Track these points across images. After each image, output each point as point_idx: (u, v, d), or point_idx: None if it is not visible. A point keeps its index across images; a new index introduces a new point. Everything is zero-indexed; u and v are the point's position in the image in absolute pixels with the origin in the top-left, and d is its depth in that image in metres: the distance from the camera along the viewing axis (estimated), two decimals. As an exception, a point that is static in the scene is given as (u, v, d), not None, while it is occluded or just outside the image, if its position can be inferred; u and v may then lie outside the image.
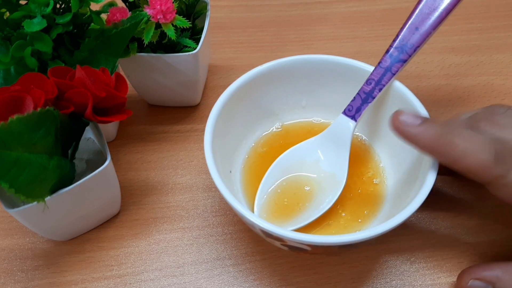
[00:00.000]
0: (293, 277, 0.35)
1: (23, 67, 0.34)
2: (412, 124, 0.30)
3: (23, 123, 0.28)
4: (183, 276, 0.36)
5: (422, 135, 0.29)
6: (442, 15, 0.35)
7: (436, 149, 0.29)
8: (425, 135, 0.29)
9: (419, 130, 0.30)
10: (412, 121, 0.30)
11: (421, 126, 0.30)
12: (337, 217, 0.36)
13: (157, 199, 0.40)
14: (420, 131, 0.30)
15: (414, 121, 0.30)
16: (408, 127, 0.30)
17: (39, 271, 0.36)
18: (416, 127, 0.30)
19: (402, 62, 0.35)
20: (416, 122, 0.30)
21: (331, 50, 0.53)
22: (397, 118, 0.30)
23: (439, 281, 0.35)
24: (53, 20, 0.34)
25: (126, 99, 0.33)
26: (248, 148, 0.40)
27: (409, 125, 0.30)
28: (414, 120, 0.30)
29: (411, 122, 0.30)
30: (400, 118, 0.30)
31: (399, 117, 0.30)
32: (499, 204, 0.39)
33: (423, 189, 0.30)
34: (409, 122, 0.30)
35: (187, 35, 0.42)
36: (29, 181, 0.29)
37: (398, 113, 0.30)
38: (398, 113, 0.31)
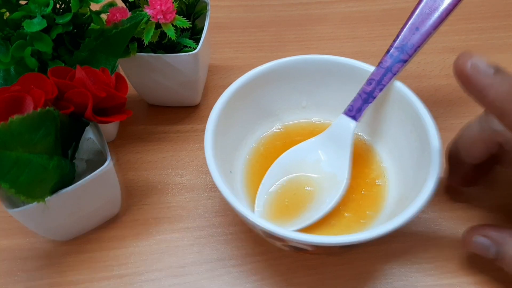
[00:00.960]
0: (295, 277, 0.35)
1: (23, 67, 0.34)
2: (486, 73, 0.25)
3: (23, 123, 0.28)
4: (184, 277, 0.36)
5: (494, 88, 0.25)
6: (442, 15, 0.35)
7: (505, 107, 0.25)
8: (497, 88, 0.25)
9: (493, 82, 0.25)
10: (486, 68, 0.26)
11: (495, 76, 0.25)
12: (340, 217, 0.36)
13: (157, 199, 0.40)
14: (494, 83, 0.25)
15: (488, 69, 0.26)
16: (481, 76, 0.25)
17: (39, 271, 0.36)
18: (490, 78, 0.25)
19: (402, 62, 0.35)
20: (490, 71, 0.25)
21: (331, 50, 0.53)
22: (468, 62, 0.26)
23: (441, 282, 0.35)
24: (53, 20, 0.34)
25: (126, 99, 0.33)
26: (248, 148, 0.40)
27: (482, 73, 0.25)
28: (488, 68, 0.26)
29: (485, 70, 0.25)
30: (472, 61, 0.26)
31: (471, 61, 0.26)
32: (503, 204, 0.39)
33: (425, 189, 0.30)
34: (483, 70, 0.26)
35: (187, 35, 0.42)
36: (29, 181, 0.29)
37: (466, 56, 0.26)
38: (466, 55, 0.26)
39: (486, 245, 0.32)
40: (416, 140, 0.35)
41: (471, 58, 0.26)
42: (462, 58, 0.26)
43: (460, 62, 0.26)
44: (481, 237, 0.32)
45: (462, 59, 0.26)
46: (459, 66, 0.26)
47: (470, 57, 0.26)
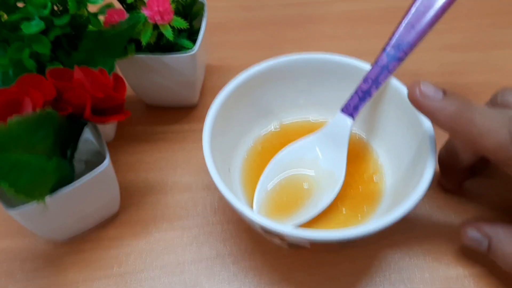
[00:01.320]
0: (293, 273, 0.36)
1: (21, 69, 0.34)
2: (434, 98, 0.28)
3: (22, 125, 0.28)
4: (183, 274, 0.36)
5: (442, 111, 0.28)
6: (438, 13, 0.35)
7: (455, 127, 0.28)
8: (446, 111, 0.27)
9: (440, 105, 0.28)
10: (434, 94, 0.28)
11: (443, 100, 0.28)
12: (338, 213, 0.36)
13: (156, 199, 0.40)
14: (441, 107, 0.27)
15: (436, 94, 0.28)
16: (430, 100, 0.28)
17: (39, 272, 0.36)
18: (437, 102, 0.28)
19: (398, 60, 0.36)
20: (438, 96, 0.28)
21: (329, 49, 0.53)
22: (416, 89, 0.28)
23: (437, 275, 0.35)
24: (50, 22, 0.34)
25: (124, 99, 0.34)
26: (246, 147, 0.40)
27: (430, 98, 0.28)
28: (436, 94, 0.28)
29: (433, 96, 0.28)
30: (421, 89, 0.28)
31: (420, 88, 0.28)
32: (498, 200, 0.39)
33: (421, 184, 0.30)
34: (431, 95, 0.28)
35: (185, 35, 0.42)
36: (28, 182, 0.29)
37: (416, 84, 0.28)
38: (416, 84, 0.28)
39: (479, 239, 0.33)
40: (412, 137, 0.35)
41: (421, 85, 0.28)
42: (413, 86, 0.28)
43: (411, 90, 0.29)
44: (474, 231, 0.33)
45: (413, 87, 0.28)
46: (410, 95, 0.29)
47: (420, 84, 0.28)
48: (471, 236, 0.33)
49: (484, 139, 0.28)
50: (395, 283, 0.35)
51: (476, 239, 0.33)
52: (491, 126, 0.28)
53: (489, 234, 0.32)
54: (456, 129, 0.28)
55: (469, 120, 0.28)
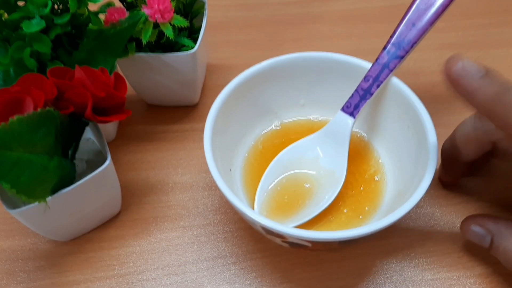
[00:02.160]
0: (294, 274, 0.36)
1: (22, 68, 0.34)
2: (474, 75, 0.26)
3: (23, 124, 0.28)
4: (184, 275, 0.36)
5: (482, 90, 0.26)
6: (438, 11, 0.35)
7: (493, 109, 0.26)
8: (486, 91, 0.26)
9: (481, 84, 0.26)
10: (475, 70, 0.26)
11: (483, 79, 0.26)
12: (339, 213, 0.36)
13: (157, 199, 0.40)
14: (482, 85, 0.26)
15: (477, 71, 0.26)
16: (470, 78, 0.26)
17: (41, 272, 0.36)
18: (478, 80, 0.26)
19: (399, 58, 0.36)
20: (479, 73, 0.26)
21: (329, 48, 0.53)
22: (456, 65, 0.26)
23: (439, 276, 0.35)
24: (51, 21, 0.34)
25: (125, 98, 0.34)
26: (247, 146, 0.40)
27: (471, 76, 0.26)
28: (477, 70, 0.26)
29: (474, 72, 0.26)
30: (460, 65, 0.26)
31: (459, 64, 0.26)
32: (500, 197, 0.39)
33: (422, 184, 0.30)
34: (471, 72, 0.26)
35: (185, 34, 0.42)
36: (30, 182, 0.29)
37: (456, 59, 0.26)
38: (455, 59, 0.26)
39: (481, 234, 0.33)
40: (413, 136, 0.35)
41: (460, 61, 0.26)
42: (452, 61, 0.27)
43: (449, 65, 0.27)
44: (477, 227, 0.33)
45: (452, 62, 0.27)
46: (448, 69, 0.27)
47: (460, 60, 0.26)
48: (474, 231, 0.33)
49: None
50: (397, 284, 0.35)
51: (479, 234, 0.33)
52: None
53: (491, 230, 0.32)
54: (494, 112, 0.26)
55: (509, 103, 0.25)
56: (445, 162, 0.38)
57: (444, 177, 0.39)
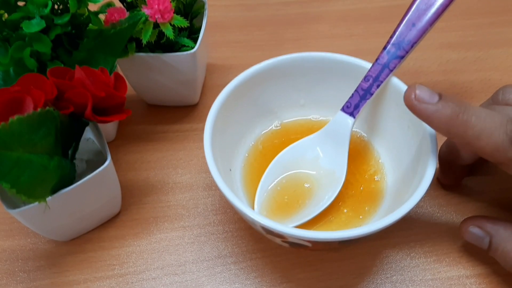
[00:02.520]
0: (294, 274, 0.36)
1: (22, 68, 0.34)
2: (429, 102, 0.28)
3: (23, 124, 0.28)
4: (184, 275, 0.36)
5: (438, 114, 0.28)
6: (438, 11, 0.35)
7: (451, 129, 0.28)
8: (441, 114, 0.28)
9: (435, 109, 0.28)
10: (429, 98, 0.28)
11: (438, 104, 0.28)
12: (339, 213, 0.36)
13: (157, 199, 0.40)
14: (437, 110, 0.28)
15: (431, 98, 0.28)
16: (425, 104, 0.28)
17: (41, 272, 0.36)
18: (432, 105, 0.28)
19: (399, 58, 0.36)
20: (433, 100, 0.28)
21: (329, 48, 0.53)
22: (412, 94, 0.28)
23: (439, 275, 0.35)
24: (51, 21, 0.34)
25: (125, 98, 0.34)
26: (247, 146, 0.40)
27: (426, 102, 0.28)
28: (431, 97, 0.28)
29: (428, 100, 0.28)
30: (416, 93, 0.28)
31: (416, 92, 0.28)
32: (500, 198, 0.39)
33: (422, 184, 0.30)
34: (426, 99, 0.28)
35: (185, 34, 0.42)
36: (30, 182, 0.29)
37: (413, 88, 0.28)
38: (412, 88, 0.29)
39: (480, 236, 0.33)
40: (413, 136, 0.35)
41: (417, 90, 0.28)
42: (408, 91, 0.29)
43: (406, 95, 0.29)
44: (476, 228, 0.33)
45: (408, 92, 0.29)
46: (406, 99, 0.29)
47: (415, 89, 0.28)
48: (473, 233, 0.34)
49: (480, 141, 0.28)
50: (397, 284, 0.35)
51: (478, 236, 0.33)
52: (487, 128, 0.27)
53: (490, 232, 0.33)
54: (452, 132, 0.28)
55: (464, 122, 0.28)
56: (443, 166, 0.38)
57: (444, 179, 0.39)
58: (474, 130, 0.28)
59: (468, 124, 0.28)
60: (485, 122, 0.28)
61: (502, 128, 0.28)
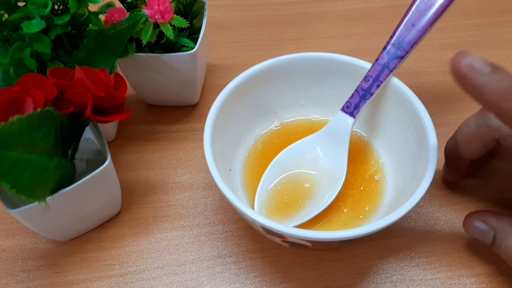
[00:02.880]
0: (294, 274, 0.36)
1: (22, 68, 0.34)
2: (481, 71, 0.25)
3: (23, 124, 0.28)
4: (184, 274, 0.36)
5: (491, 86, 0.25)
6: (438, 12, 0.35)
7: (503, 105, 0.25)
8: (494, 86, 0.25)
9: (489, 80, 0.25)
10: (482, 67, 0.25)
11: (491, 74, 0.25)
12: (339, 213, 0.36)
13: (157, 198, 0.40)
14: (490, 82, 0.25)
15: (484, 67, 0.25)
16: (477, 74, 0.25)
17: (40, 271, 0.36)
18: (486, 76, 0.25)
19: (399, 59, 0.36)
20: (486, 69, 0.25)
21: (329, 48, 0.54)
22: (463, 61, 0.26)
23: (439, 275, 0.35)
24: (51, 21, 0.34)
25: (125, 98, 0.34)
26: (247, 146, 0.40)
27: (478, 72, 0.25)
28: (484, 66, 0.25)
29: (481, 68, 0.25)
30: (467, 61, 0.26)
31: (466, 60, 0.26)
32: (501, 198, 0.39)
33: (422, 184, 0.30)
34: (479, 68, 0.25)
35: (185, 34, 0.42)
36: (30, 182, 0.29)
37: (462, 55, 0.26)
38: (462, 54, 0.26)
39: (484, 230, 0.33)
40: (413, 136, 0.35)
41: (467, 57, 0.26)
42: (458, 57, 0.26)
43: (456, 61, 0.26)
44: (480, 222, 0.33)
45: (458, 58, 0.26)
46: (455, 65, 0.26)
47: (466, 56, 0.26)
48: (477, 227, 0.33)
49: None
50: (397, 283, 0.35)
51: (482, 230, 0.33)
52: None
53: (495, 227, 0.32)
54: (502, 108, 0.25)
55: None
56: (449, 161, 0.38)
57: (448, 175, 0.39)
58: None
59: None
60: None
61: None
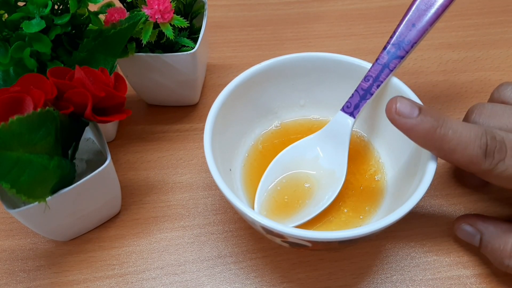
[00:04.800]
0: (294, 274, 0.36)
1: (22, 68, 0.34)
2: (409, 116, 0.29)
3: (23, 124, 0.28)
4: (184, 274, 0.36)
5: (417, 128, 0.29)
6: (438, 11, 0.35)
7: (428, 143, 0.29)
8: (420, 128, 0.29)
9: (414, 123, 0.29)
10: (409, 112, 0.29)
11: (417, 118, 0.29)
12: (339, 213, 0.36)
13: (157, 198, 0.40)
14: (416, 124, 0.29)
15: (411, 112, 0.29)
16: (405, 119, 0.29)
17: (40, 271, 0.36)
18: (412, 120, 0.29)
19: (399, 59, 0.36)
20: (413, 114, 0.29)
21: (329, 47, 0.54)
22: (393, 108, 0.29)
23: (439, 275, 0.35)
24: (51, 21, 0.34)
25: (125, 98, 0.34)
26: (247, 146, 0.40)
27: (406, 116, 0.29)
28: (411, 111, 0.29)
29: (408, 114, 0.29)
30: (397, 107, 0.29)
31: (396, 106, 0.29)
32: (499, 197, 0.39)
33: (422, 184, 0.30)
34: (406, 114, 0.29)
35: (185, 34, 0.42)
36: (30, 182, 0.29)
37: (394, 101, 0.30)
38: (394, 100, 0.30)
39: (471, 233, 0.34)
40: (414, 136, 0.35)
41: (396, 103, 0.29)
42: (389, 104, 0.30)
43: (387, 108, 0.30)
44: (468, 226, 0.35)
45: (389, 105, 0.30)
46: (387, 112, 0.30)
47: (395, 103, 0.29)
48: (465, 230, 0.35)
49: (455, 154, 0.29)
50: (397, 283, 0.35)
51: (469, 233, 0.35)
52: (462, 142, 0.29)
53: (481, 229, 0.34)
54: (429, 145, 0.30)
55: (441, 136, 0.29)
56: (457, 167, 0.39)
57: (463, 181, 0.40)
58: (450, 144, 0.29)
59: (444, 138, 0.29)
60: (460, 136, 0.29)
61: (477, 142, 0.29)
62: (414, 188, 0.31)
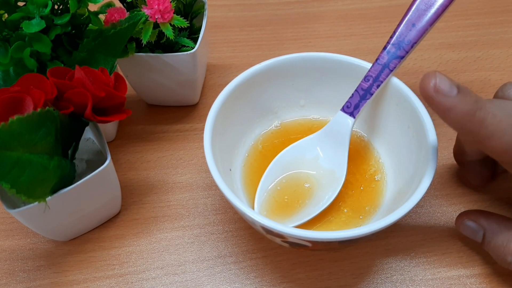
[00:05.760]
0: (294, 274, 0.36)
1: (22, 68, 0.34)
2: (448, 94, 0.26)
3: (23, 124, 0.28)
4: (184, 274, 0.36)
5: (456, 109, 0.26)
6: (438, 11, 0.35)
7: (466, 126, 0.27)
8: (459, 109, 0.26)
9: (454, 102, 0.26)
10: (449, 90, 0.26)
11: (456, 97, 0.26)
12: (339, 213, 0.36)
13: (157, 198, 0.40)
14: (455, 104, 0.26)
15: (451, 90, 0.26)
16: (444, 97, 0.26)
17: (40, 271, 0.36)
18: (452, 98, 0.26)
19: (399, 59, 0.36)
20: (453, 92, 0.26)
21: (329, 47, 0.54)
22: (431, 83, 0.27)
23: (439, 275, 0.35)
24: (51, 21, 0.34)
25: (125, 98, 0.34)
26: (247, 146, 0.40)
27: (445, 94, 0.26)
28: (451, 90, 0.26)
29: (448, 92, 0.26)
30: (437, 83, 0.26)
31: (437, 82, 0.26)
32: (499, 197, 0.39)
33: (422, 184, 0.30)
34: (446, 91, 0.26)
35: (185, 34, 0.42)
36: (30, 182, 0.29)
37: (432, 75, 0.27)
38: (432, 75, 0.27)
39: (474, 229, 0.34)
40: (414, 136, 0.35)
41: (434, 79, 0.27)
42: (426, 79, 0.27)
43: (424, 84, 0.27)
44: (471, 222, 0.34)
45: (426, 80, 0.27)
46: (423, 88, 0.27)
47: (434, 78, 0.27)
48: (468, 226, 0.34)
49: (492, 140, 0.27)
50: (397, 283, 0.35)
51: (472, 229, 0.34)
52: (501, 128, 0.27)
53: (484, 226, 0.33)
54: (466, 129, 0.27)
55: (481, 120, 0.26)
56: (461, 166, 0.39)
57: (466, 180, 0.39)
58: (488, 130, 0.27)
59: (483, 122, 0.26)
60: (500, 122, 0.27)
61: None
62: (414, 188, 0.31)
